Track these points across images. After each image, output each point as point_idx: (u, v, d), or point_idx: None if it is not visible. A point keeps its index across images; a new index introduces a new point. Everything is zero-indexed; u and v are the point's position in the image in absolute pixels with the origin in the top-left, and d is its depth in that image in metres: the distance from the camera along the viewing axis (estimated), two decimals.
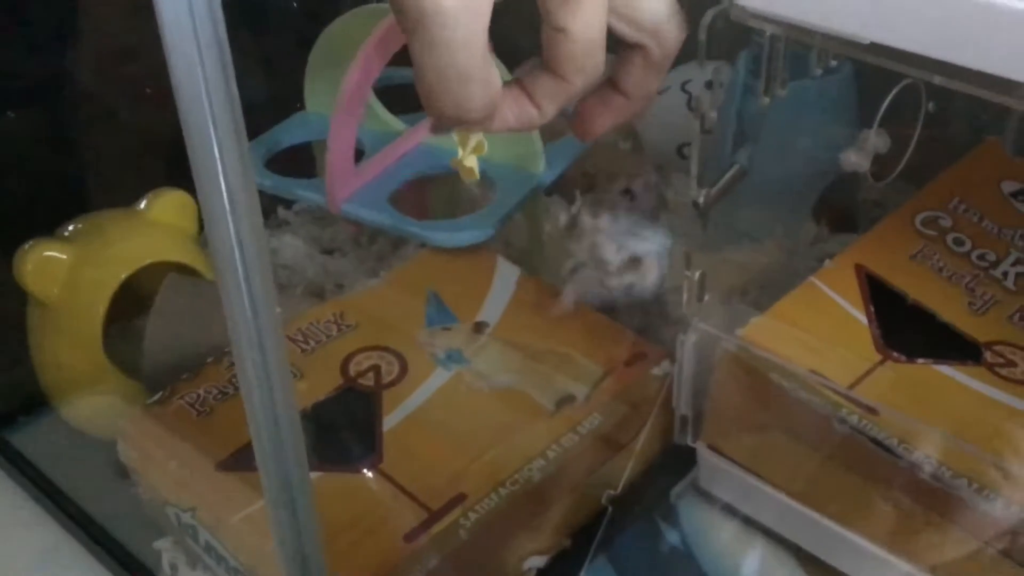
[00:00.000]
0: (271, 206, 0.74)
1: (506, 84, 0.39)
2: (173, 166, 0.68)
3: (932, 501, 0.46)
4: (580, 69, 0.39)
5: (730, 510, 0.53)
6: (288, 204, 0.74)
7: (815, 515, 0.50)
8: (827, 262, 0.55)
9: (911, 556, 0.47)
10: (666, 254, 0.52)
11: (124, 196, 0.62)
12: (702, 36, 0.45)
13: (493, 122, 0.39)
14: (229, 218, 0.29)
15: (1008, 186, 0.61)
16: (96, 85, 0.67)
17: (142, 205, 0.59)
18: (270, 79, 0.29)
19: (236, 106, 0.28)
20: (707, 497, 0.54)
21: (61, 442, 0.59)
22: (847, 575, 0.50)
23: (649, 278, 0.52)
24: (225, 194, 0.29)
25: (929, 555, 0.47)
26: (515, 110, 0.40)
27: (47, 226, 0.57)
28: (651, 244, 0.52)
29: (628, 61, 0.42)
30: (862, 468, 0.48)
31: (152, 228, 0.58)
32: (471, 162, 0.43)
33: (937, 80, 0.41)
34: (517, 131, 0.40)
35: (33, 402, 0.60)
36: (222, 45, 0.27)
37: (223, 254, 0.30)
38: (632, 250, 0.52)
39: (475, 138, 0.42)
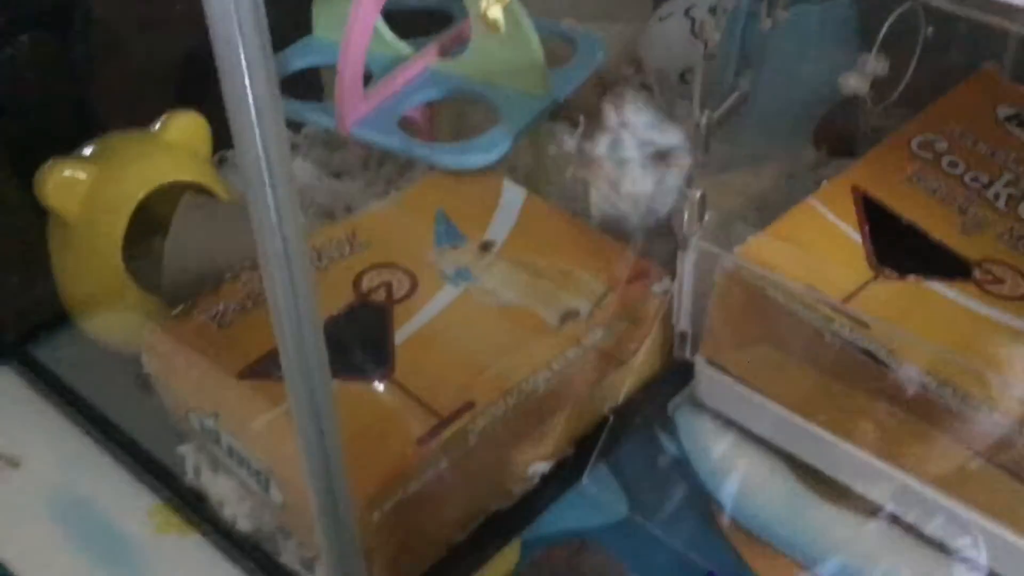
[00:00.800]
0: None
1: None
2: (186, 89, 0.69)
3: (921, 411, 0.48)
4: None
5: (726, 421, 0.56)
6: (297, 128, 0.75)
7: (809, 426, 0.52)
8: (824, 183, 0.57)
9: (903, 464, 0.50)
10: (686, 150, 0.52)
11: (139, 118, 0.63)
12: None
13: None
14: (256, 130, 0.31)
15: (1003, 111, 0.62)
16: (108, 10, 0.68)
17: (157, 127, 0.60)
18: (278, 3, 0.30)
19: (262, 19, 0.29)
20: (704, 409, 0.56)
21: (83, 356, 0.61)
22: (841, 483, 0.52)
23: (676, 172, 0.53)
24: (252, 106, 0.30)
25: (920, 464, 0.50)
26: None
27: (66, 147, 0.59)
28: (674, 138, 0.53)
29: None
30: (854, 380, 0.50)
31: (167, 149, 0.59)
32: (495, 13, 0.44)
33: (935, 2, 0.42)
34: None
35: (55, 317, 0.62)
36: None
37: (250, 163, 0.32)
38: (657, 143, 0.53)
39: None
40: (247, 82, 0.30)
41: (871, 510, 0.51)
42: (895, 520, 0.50)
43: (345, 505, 0.40)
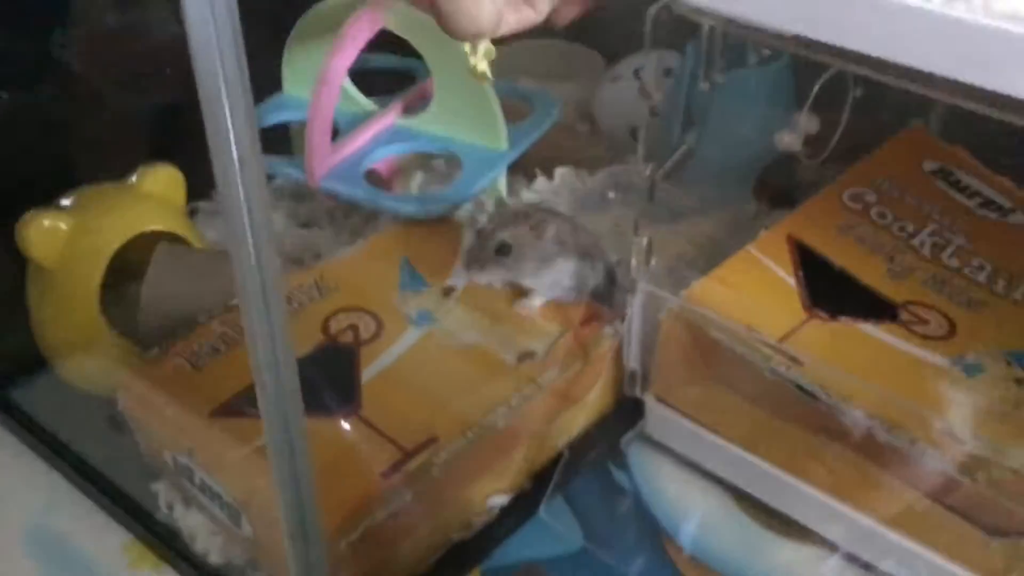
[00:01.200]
0: None
1: None
2: (160, 143, 0.72)
3: (852, 442, 0.52)
4: None
5: (675, 456, 0.59)
6: (267, 180, 0.78)
7: (752, 458, 0.56)
8: (762, 232, 0.61)
9: (838, 494, 0.53)
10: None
11: (115, 171, 0.66)
12: (648, 26, 0.50)
13: (499, 28, 0.45)
14: (239, 179, 0.34)
15: (929, 165, 0.67)
16: (86, 68, 0.71)
17: (133, 179, 0.63)
18: (251, 62, 0.32)
19: (245, 77, 0.33)
20: (654, 444, 0.60)
21: (58, 399, 0.63)
22: (781, 513, 0.56)
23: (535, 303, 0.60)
24: (235, 155, 0.34)
25: (852, 492, 0.53)
26: (516, 15, 0.47)
27: (45, 199, 0.62)
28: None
29: None
30: (791, 414, 0.54)
31: (143, 200, 0.62)
32: (483, 66, 0.48)
33: (851, 69, 0.46)
34: (517, 31, 0.47)
35: (31, 363, 0.64)
36: (237, 35, 0.32)
37: (233, 213, 0.35)
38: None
39: (484, 45, 0.47)
40: (231, 138, 0.34)
41: (815, 541, 0.54)
42: (836, 549, 0.54)
43: (315, 533, 0.43)
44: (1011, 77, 0.40)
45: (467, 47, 0.48)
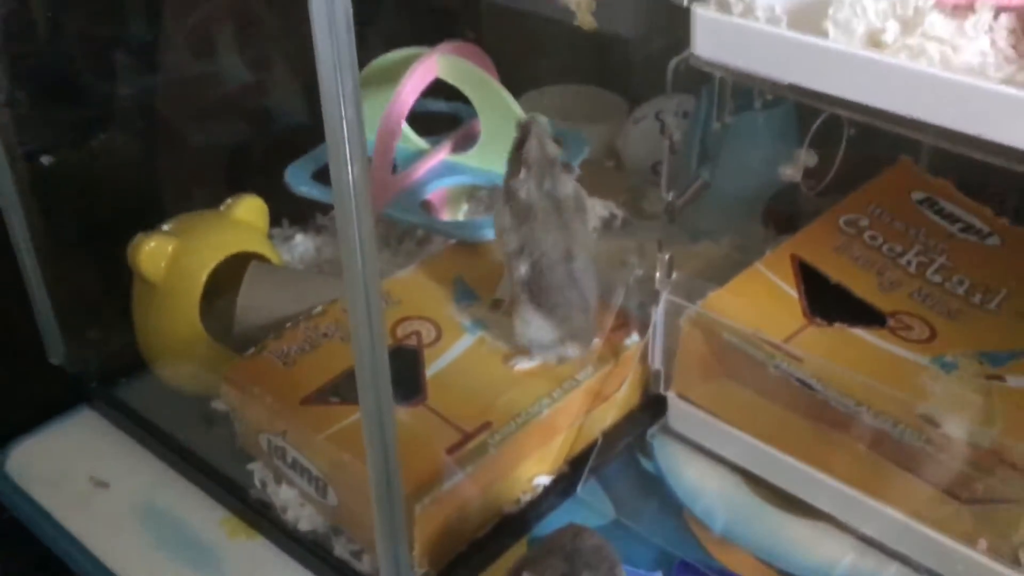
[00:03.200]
0: (311, 213, 0.88)
1: None
2: (243, 178, 0.83)
3: (845, 425, 0.61)
4: None
5: (694, 445, 0.68)
6: (326, 211, 0.88)
7: (761, 445, 0.64)
8: (768, 252, 0.70)
9: (836, 474, 0.61)
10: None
11: (200, 201, 0.76)
12: (669, 76, 0.60)
13: None
14: (353, 202, 0.44)
15: (916, 195, 0.76)
16: (177, 112, 0.82)
17: (224, 207, 0.73)
18: (320, 105, 0.41)
19: (362, 120, 0.42)
20: (676, 435, 0.69)
21: (155, 396, 0.73)
22: (790, 493, 0.64)
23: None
24: (351, 180, 0.43)
25: (848, 471, 0.61)
26: None
27: (150, 224, 0.72)
28: None
29: None
30: (794, 405, 0.63)
31: (234, 225, 0.72)
32: (587, 14, 0.58)
33: (838, 111, 0.56)
34: None
35: (134, 366, 0.73)
36: (356, 90, 0.42)
37: (346, 228, 0.44)
38: None
39: None
40: (350, 169, 0.43)
41: (817, 516, 0.63)
42: (835, 522, 0.62)
43: (398, 497, 0.52)
44: (972, 120, 0.49)
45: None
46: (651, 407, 0.69)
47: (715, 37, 0.55)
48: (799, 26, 0.53)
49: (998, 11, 0.49)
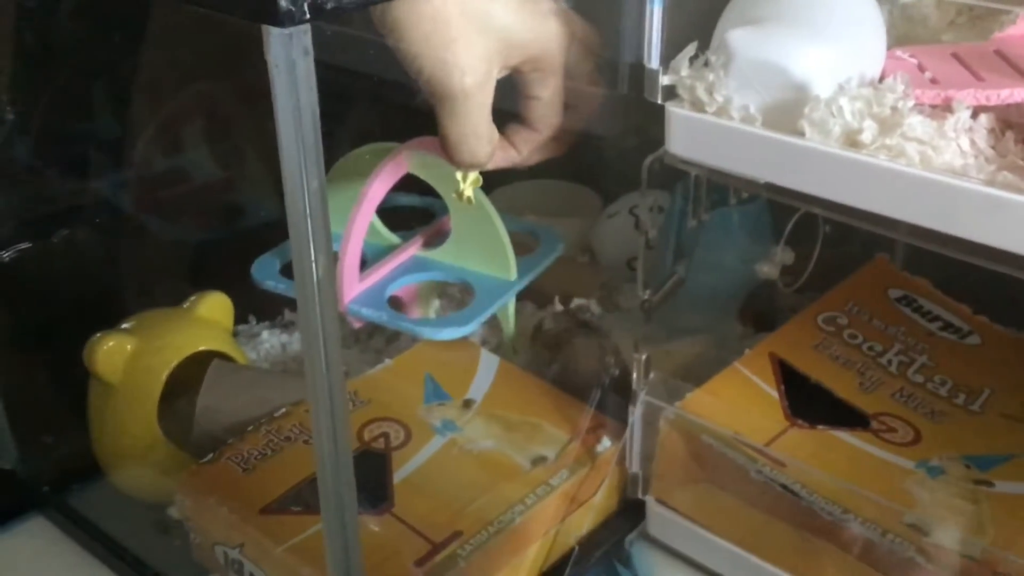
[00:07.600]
0: (279, 308, 0.86)
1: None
2: (209, 273, 0.80)
3: (829, 534, 0.59)
4: (547, 124, 0.61)
5: (674, 553, 0.65)
6: (294, 306, 0.86)
7: (744, 554, 0.62)
8: (747, 351, 0.69)
9: None
10: None
11: (164, 297, 0.74)
12: (644, 174, 0.59)
13: (490, 163, 0.60)
14: (317, 300, 0.42)
15: (894, 293, 0.75)
16: (141, 207, 0.80)
17: (187, 304, 0.71)
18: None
19: (327, 214, 0.41)
20: (655, 543, 0.66)
21: (109, 503, 0.69)
22: None
23: None
24: (316, 279, 0.41)
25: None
26: (502, 154, 0.61)
27: (110, 322, 0.69)
28: None
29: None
30: (777, 512, 0.61)
31: (197, 323, 0.70)
32: (469, 191, 0.62)
33: (815, 211, 0.55)
34: (502, 168, 0.61)
35: (87, 470, 0.70)
36: (323, 187, 0.40)
37: (310, 327, 0.42)
38: None
39: (472, 175, 0.61)
40: (314, 266, 0.41)
41: None
42: None
43: None
44: (949, 219, 0.48)
45: (459, 175, 0.60)
46: (629, 512, 0.67)
47: (690, 135, 0.55)
48: (774, 125, 0.52)
49: (976, 111, 0.49)
